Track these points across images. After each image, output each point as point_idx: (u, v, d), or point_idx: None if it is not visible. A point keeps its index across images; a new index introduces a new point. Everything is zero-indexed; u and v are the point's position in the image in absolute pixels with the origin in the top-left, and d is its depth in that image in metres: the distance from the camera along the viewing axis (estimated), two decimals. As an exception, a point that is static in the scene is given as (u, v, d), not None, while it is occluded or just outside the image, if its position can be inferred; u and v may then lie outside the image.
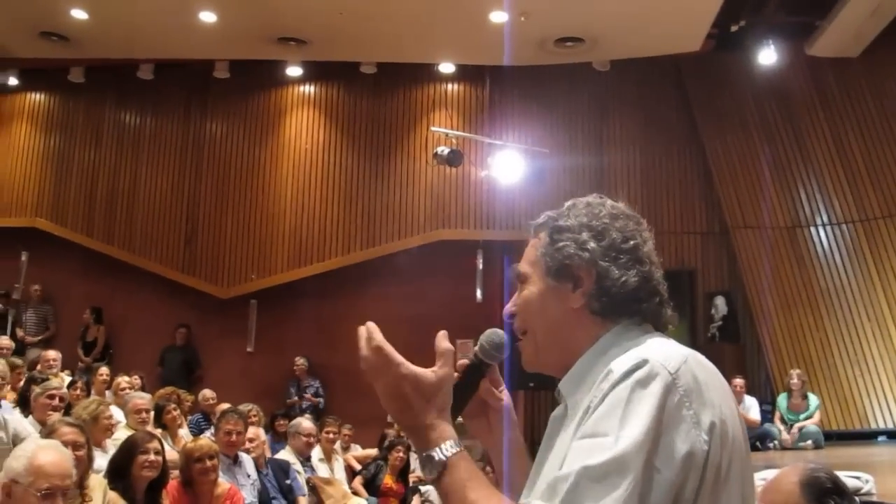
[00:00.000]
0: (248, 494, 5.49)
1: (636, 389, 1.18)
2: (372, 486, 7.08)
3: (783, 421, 9.47)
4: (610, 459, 1.14)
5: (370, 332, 1.30)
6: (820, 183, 11.00)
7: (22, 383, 6.45)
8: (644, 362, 1.21)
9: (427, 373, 1.28)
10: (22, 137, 12.28)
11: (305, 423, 6.92)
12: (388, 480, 7.20)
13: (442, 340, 1.32)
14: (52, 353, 8.26)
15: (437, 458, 1.24)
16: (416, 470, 8.61)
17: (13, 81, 12.01)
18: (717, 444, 1.19)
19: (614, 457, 1.14)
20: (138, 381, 8.44)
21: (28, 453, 2.94)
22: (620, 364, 1.23)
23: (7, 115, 12.40)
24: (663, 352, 1.24)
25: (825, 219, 10.91)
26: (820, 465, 2.22)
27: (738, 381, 9.46)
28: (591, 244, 1.37)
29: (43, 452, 2.98)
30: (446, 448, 1.25)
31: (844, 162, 10.93)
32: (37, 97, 12.37)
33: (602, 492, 1.12)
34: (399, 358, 1.29)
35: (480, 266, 11.11)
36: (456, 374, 1.40)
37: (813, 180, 11.04)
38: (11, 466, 2.89)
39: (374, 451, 8.36)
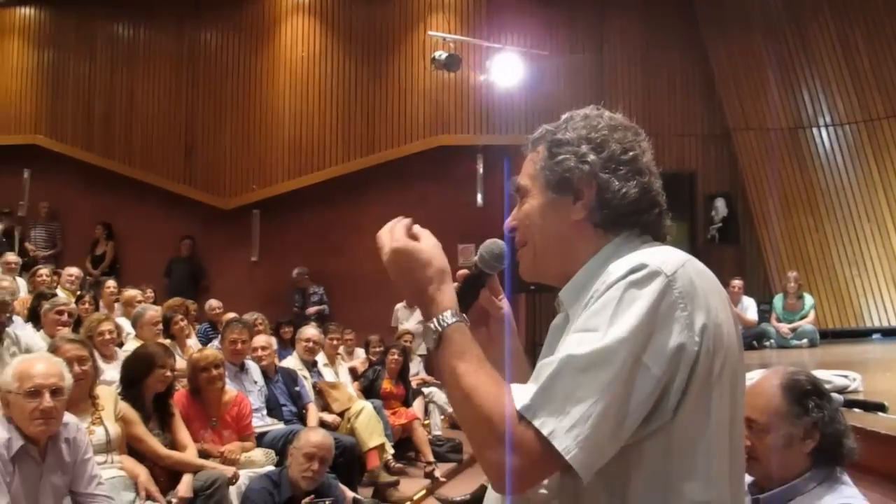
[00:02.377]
0: (256, 400, 5.65)
1: (630, 289, 1.21)
2: (371, 392, 7.24)
3: (779, 321, 9.63)
4: (595, 350, 1.17)
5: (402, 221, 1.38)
6: (824, 83, 10.85)
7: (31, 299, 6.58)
8: (642, 265, 1.23)
9: (417, 244, 1.34)
10: (15, 54, 12.12)
11: (308, 330, 7.07)
12: (386, 385, 7.34)
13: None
14: (75, 271, 8.39)
15: (433, 327, 1.30)
16: (419, 372, 8.84)
17: (0, -5, 11.76)
18: (708, 347, 1.22)
19: (599, 348, 1.17)
20: (151, 295, 8.59)
21: (14, 365, 3.22)
22: (618, 267, 1.26)
23: (-3, 31, 12.21)
24: (661, 256, 1.26)
25: (828, 119, 10.82)
26: (800, 368, 2.29)
27: (736, 283, 9.58)
28: (591, 156, 1.37)
29: (27, 362, 3.24)
30: (443, 319, 1.29)
31: (849, 61, 10.74)
32: (26, 11, 12.13)
33: (583, 381, 1.16)
34: (398, 234, 1.35)
35: (481, 171, 11.10)
36: (456, 284, 1.44)
37: (816, 80, 10.89)
38: (3, 381, 3.16)
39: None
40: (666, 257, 1.26)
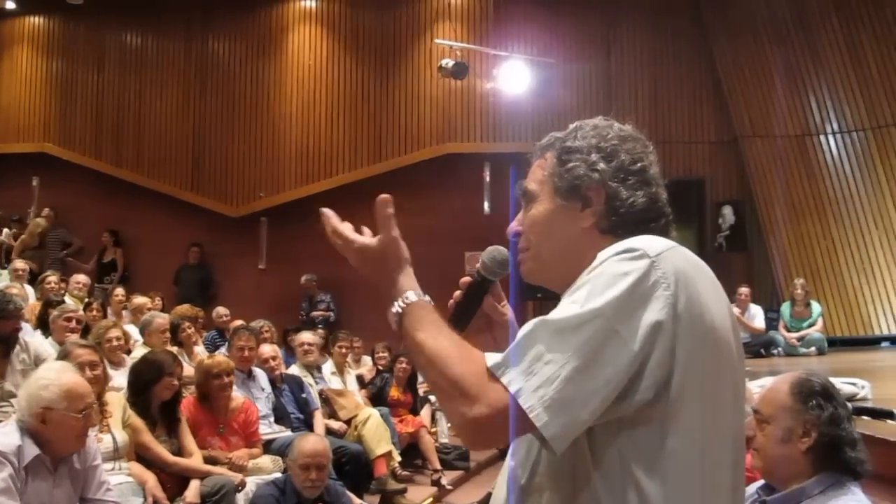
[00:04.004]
0: (263, 407, 5.66)
1: (611, 268, 1.24)
2: (379, 399, 7.22)
3: (787, 329, 9.60)
4: (569, 316, 1.20)
5: (326, 220, 1.41)
6: (832, 90, 10.81)
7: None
8: (628, 249, 1.26)
9: (371, 242, 1.37)
10: (24, 62, 12.22)
11: (304, 334, 7.08)
12: (394, 392, 7.34)
13: (381, 207, 1.37)
14: (82, 278, 8.50)
15: (393, 311, 1.33)
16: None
17: (10, 5, 11.82)
18: (692, 330, 1.22)
19: (574, 314, 1.20)
20: (159, 303, 8.64)
21: (54, 380, 3.05)
22: (605, 253, 1.29)
23: (8, 40, 12.32)
24: (648, 242, 1.28)
25: (836, 127, 10.78)
26: (816, 373, 2.30)
27: (744, 290, 9.56)
28: (601, 165, 1.39)
29: (65, 376, 3.11)
30: (400, 302, 1.32)
31: (857, 68, 10.71)
32: (36, 21, 12.23)
33: (554, 343, 1.18)
34: (350, 235, 1.39)
35: (488, 178, 11.12)
36: (459, 292, 1.47)
37: (825, 87, 10.85)
38: (42, 396, 3.00)
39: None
40: (652, 242, 1.28)
